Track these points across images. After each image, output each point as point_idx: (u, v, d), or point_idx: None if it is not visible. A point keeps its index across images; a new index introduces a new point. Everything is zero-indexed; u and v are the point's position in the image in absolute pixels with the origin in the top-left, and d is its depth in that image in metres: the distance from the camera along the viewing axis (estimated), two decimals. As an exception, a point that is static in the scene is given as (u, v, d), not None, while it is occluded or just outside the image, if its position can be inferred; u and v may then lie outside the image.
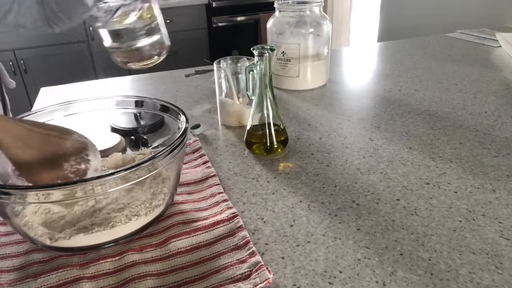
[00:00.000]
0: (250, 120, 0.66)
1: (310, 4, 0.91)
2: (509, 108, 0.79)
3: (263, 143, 0.65)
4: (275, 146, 0.64)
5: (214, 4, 2.75)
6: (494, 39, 1.29)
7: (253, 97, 0.65)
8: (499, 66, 1.06)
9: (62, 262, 0.44)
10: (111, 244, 0.45)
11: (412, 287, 0.40)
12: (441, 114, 0.78)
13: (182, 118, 0.52)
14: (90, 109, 0.59)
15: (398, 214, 0.50)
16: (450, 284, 0.40)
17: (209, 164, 0.62)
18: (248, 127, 0.67)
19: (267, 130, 0.64)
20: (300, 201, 0.53)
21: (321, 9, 0.93)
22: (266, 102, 0.63)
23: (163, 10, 0.57)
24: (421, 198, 0.53)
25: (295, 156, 0.65)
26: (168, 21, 2.72)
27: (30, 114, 0.55)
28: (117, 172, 0.39)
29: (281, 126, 0.65)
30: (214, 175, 0.59)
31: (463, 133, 0.70)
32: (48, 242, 0.43)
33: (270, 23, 0.94)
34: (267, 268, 0.41)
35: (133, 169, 0.40)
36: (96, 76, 2.65)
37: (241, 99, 0.78)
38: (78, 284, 0.41)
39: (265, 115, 0.64)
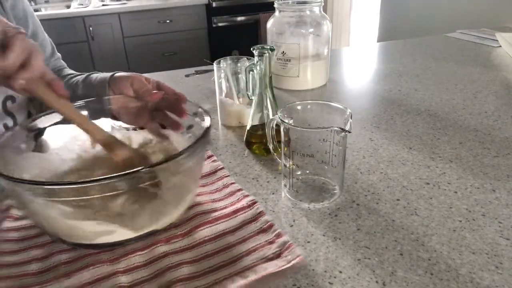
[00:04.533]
0: (250, 120, 0.66)
1: (310, 4, 0.91)
2: (509, 108, 0.79)
3: (263, 143, 0.65)
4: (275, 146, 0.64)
5: (214, 4, 2.75)
6: (494, 39, 1.29)
7: (253, 97, 0.65)
8: (499, 66, 1.06)
9: (91, 260, 0.44)
10: (137, 240, 0.45)
11: (412, 287, 0.40)
12: (441, 114, 0.78)
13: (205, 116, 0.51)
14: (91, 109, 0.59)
15: (398, 214, 0.50)
16: (450, 284, 0.40)
17: (214, 157, 0.63)
18: (248, 127, 0.67)
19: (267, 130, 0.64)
20: (300, 201, 0.53)
21: (321, 9, 0.93)
22: (266, 102, 0.63)
23: (163, 10, 0.57)
24: (421, 198, 0.53)
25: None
26: (168, 21, 2.72)
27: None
28: (149, 167, 0.39)
29: (281, 126, 0.65)
30: (222, 168, 0.61)
31: (463, 133, 0.70)
32: (81, 240, 0.43)
33: (270, 23, 0.94)
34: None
35: (167, 163, 0.40)
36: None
37: (241, 99, 0.78)
38: (114, 278, 0.41)
39: (265, 115, 0.64)
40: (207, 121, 0.49)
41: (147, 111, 0.59)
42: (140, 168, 0.39)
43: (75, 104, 0.55)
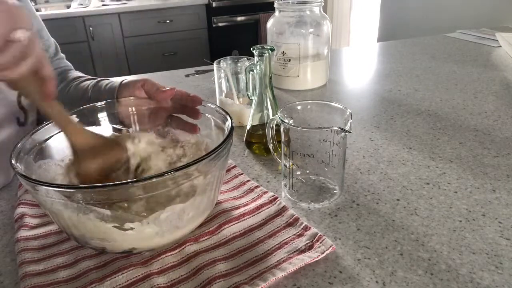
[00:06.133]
0: (250, 120, 0.66)
1: (310, 4, 0.91)
2: (509, 108, 0.79)
3: (263, 143, 0.65)
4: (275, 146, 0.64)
5: (214, 4, 2.75)
6: (494, 39, 1.29)
7: (253, 97, 0.65)
8: (499, 66, 1.06)
9: (122, 263, 0.43)
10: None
11: (412, 287, 0.40)
12: (441, 114, 0.78)
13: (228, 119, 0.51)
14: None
15: (398, 214, 0.50)
16: (450, 284, 0.40)
17: None
18: (248, 127, 0.67)
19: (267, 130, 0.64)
20: (300, 201, 0.53)
21: (321, 9, 0.93)
22: (266, 102, 0.63)
23: (163, 10, 0.57)
24: (421, 198, 0.53)
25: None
26: (168, 21, 2.72)
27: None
28: (178, 169, 0.39)
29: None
30: (234, 166, 0.61)
31: (463, 133, 0.70)
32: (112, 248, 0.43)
33: (270, 23, 0.94)
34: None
35: (194, 165, 0.40)
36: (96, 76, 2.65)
37: (241, 99, 0.78)
38: (150, 280, 0.41)
39: (265, 115, 0.64)
40: (229, 118, 0.50)
41: (161, 116, 0.58)
42: (190, 162, 0.39)
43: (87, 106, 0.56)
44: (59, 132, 0.51)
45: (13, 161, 0.42)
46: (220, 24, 2.83)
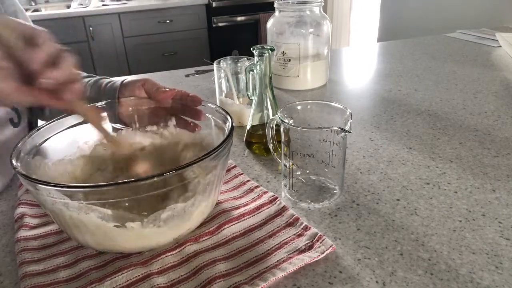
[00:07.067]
0: (250, 120, 0.66)
1: (310, 4, 0.91)
2: (509, 108, 0.79)
3: (263, 143, 0.65)
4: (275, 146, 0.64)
5: (214, 4, 2.75)
6: (494, 39, 1.29)
7: (253, 97, 0.65)
8: (499, 66, 1.06)
9: (122, 263, 0.43)
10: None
11: (412, 287, 0.40)
12: (441, 114, 0.78)
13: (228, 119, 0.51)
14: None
15: (398, 214, 0.50)
16: (450, 284, 0.40)
17: None
18: (248, 127, 0.67)
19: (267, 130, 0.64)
20: (300, 201, 0.53)
21: (321, 9, 0.93)
22: (266, 102, 0.63)
23: (163, 10, 0.57)
24: (421, 198, 0.53)
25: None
26: (168, 21, 2.72)
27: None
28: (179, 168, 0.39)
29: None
30: (234, 166, 0.61)
31: (463, 133, 0.70)
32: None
33: (270, 23, 0.94)
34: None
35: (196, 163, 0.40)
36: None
37: (241, 99, 0.78)
38: (150, 280, 0.41)
39: (265, 115, 0.64)
40: (230, 118, 0.50)
41: (161, 116, 0.59)
42: (190, 162, 0.39)
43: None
44: (59, 132, 0.52)
45: (13, 161, 0.42)
46: (220, 24, 2.83)
